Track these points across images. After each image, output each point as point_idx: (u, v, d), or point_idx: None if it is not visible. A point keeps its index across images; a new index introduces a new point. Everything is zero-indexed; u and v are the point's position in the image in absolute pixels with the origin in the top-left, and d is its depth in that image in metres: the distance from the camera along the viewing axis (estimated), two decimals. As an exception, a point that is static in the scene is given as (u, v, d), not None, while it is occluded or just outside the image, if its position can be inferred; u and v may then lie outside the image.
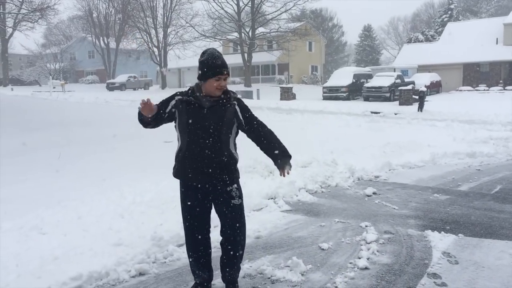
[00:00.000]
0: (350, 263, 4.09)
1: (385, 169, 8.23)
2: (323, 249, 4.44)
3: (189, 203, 3.30)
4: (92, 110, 21.34)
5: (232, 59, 49.25)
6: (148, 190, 6.09)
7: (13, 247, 4.15)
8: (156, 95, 33.96)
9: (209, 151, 3.14)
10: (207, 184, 3.22)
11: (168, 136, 11.74)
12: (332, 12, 73.10)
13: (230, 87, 3.32)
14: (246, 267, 4.01)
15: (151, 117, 3.16)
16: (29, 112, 18.57)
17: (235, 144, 3.33)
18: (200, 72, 3.16)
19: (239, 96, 3.40)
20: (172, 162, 3.38)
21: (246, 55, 41.65)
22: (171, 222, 4.90)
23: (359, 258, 4.15)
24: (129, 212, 5.21)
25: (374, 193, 6.62)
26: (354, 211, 5.77)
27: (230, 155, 3.24)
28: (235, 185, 3.30)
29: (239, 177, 3.36)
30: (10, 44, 58.15)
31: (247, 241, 4.66)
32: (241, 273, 3.90)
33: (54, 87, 39.08)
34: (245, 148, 3.99)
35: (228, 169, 3.24)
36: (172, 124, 3.34)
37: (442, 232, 4.84)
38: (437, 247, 4.44)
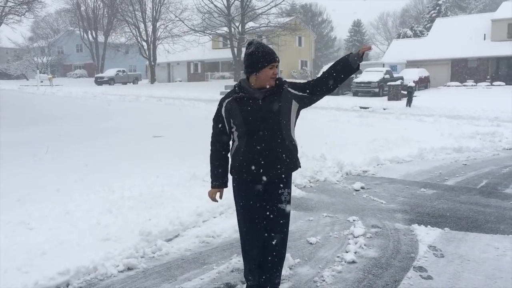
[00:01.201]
0: (338, 257, 4.13)
1: (373, 164, 8.29)
2: (311, 243, 4.48)
3: (251, 202, 3.12)
4: (80, 105, 21.18)
5: (222, 54, 49.22)
6: (136, 185, 6.08)
7: (0, 242, 4.12)
8: (145, 90, 33.79)
9: (272, 142, 2.99)
10: (271, 177, 3.07)
11: (157, 131, 11.74)
12: (322, 7, 73.14)
13: (220, 82, 3.19)
14: (234, 261, 4.03)
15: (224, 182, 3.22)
16: (16, 107, 18.38)
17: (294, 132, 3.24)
18: (249, 64, 3.02)
19: (226, 92, 3.31)
20: (160, 157, 3.38)
21: (235, 49, 41.54)
22: (160, 217, 4.90)
23: (347, 252, 4.19)
24: (117, 207, 5.20)
25: (362, 188, 6.67)
26: (342, 206, 5.82)
27: (293, 142, 3.14)
28: (288, 189, 3.16)
29: (300, 166, 3.25)
30: (-4, 38, 57.46)
31: (236, 235, 4.68)
32: (230, 267, 3.92)
33: (41, 81, 38.69)
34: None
35: (294, 156, 3.13)
36: (164, 119, 3.28)
37: (429, 226, 4.90)
38: (424, 240, 4.50)
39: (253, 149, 3.00)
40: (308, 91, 3.08)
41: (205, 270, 3.89)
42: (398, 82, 27.48)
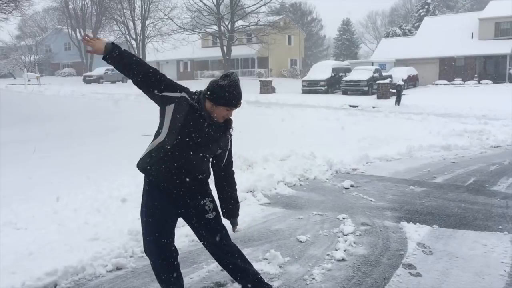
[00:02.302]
0: (328, 255, 4.14)
1: (362, 162, 8.32)
2: (301, 242, 4.48)
3: (156, 203, 2.99)
4: (68, 104, 21.00)
5: (211, 53, 49.07)
6: (125, 185, 6.03)
7: (-14, 243, 4.07)
8: (134, 89, 33.62)
9: (194, 162, 2.91)
10: (179, 191, 2.97)
11: (146, 130, 11.65)
12: (311, 5, 73.16)
13: (210, 81, 3.09)
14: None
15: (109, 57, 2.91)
16: (3, 106, 18.16)
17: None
18: (214, 94, 2.90)
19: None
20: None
21: (225, 48, 41.43)
22: (149, 216, 4.86)
23: (336, 250, 4.20)
24: (105, 207, 5.16)
25: (351, 186, 6.69)
26: (331, 204, 5.83)
27: (208, 173, 3.07)
28: (208, 198, 3.08)
29: (211, 192, 3.16)
30: (-18, 36, 56.75)
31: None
32: (219, 266, 3.89)
33: (29, 80, 38.28)
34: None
35: (204, 185, 3.06)
36: (152, 118, 3.19)
37: (417, 224, 4.93)
38: (412, 238, 4.52)
39: (175, 156, 2.88)
40: (223, 163, 3.16)
41: (194, 269, 3.88)
42: (387, 81, 27.60)
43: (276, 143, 9.25)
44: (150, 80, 2.92)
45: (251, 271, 3.23)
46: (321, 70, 33.03)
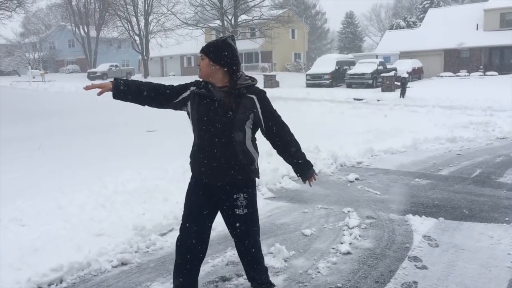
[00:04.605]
0: (333, 248, 4.12)
1: (367, 155, 8.29)
2: (306, 235, 4.47)
3: (192, 198, 3.07)
4: (73, 100, 21.04)
5: (215, 47, 48.89)
6: (130, 180, 6.03)
7: (-8, 240, 4.08)
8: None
9: (221, 149, 2.86)
10: (217, 183, 2.95)
11: (151, 125, 11.68)
12: (315, -1, 72.86)
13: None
14: (229, 254, 4.01)
15: (118, 95, 2.96)
16: (8, 103, 18.23)
17: (253, 140, 3.03)
18: None
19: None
20: (154, 152, 3.34)
21: (229, 43, 41.33)
22: (154, 211, 4.87)
23: (342, 243, 4.18)
24: (110, 202, 5.16)
25: (356, 179, 6.67)
26: (336, 197, 5.81)
27: (245, 154, 2.93)
28: (244, 195, 3.00)
29: (255, 178, 3.08)
30: (-13, 34, 56.87)
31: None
32: (225, 260, 3.91)
33: (33, 77, 38.41)
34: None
35: (243, 170, 2.94)
36: (157, 113, 3.19)
37: (423, 216, 4.90)
38: (418, 230, 4.50)
39: (203, 150, 2.91)
40: (265, 129, 2.98)
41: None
42: (392, 73, 27.48)
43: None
44: (164, 92, 3.00)
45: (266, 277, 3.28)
46: (325, 64, 32.92)
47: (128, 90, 2.98)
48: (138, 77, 49.78)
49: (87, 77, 46.54)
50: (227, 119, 2.82)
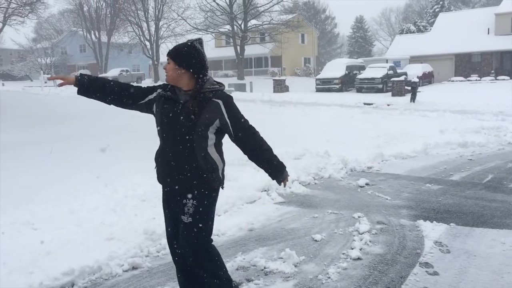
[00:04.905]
0: (343, 253, 4.11)
1: (377, 160, 8.26)
2: (316, 240, 4.46)
3: (166, 210, 3.03)
4: (84, 105, 21.19)
5: (225, 52, 49.18)
6: (140, 184, 6.06)
7: (5, 243, 4.12)
8: (149, 89, 33.82)
9: (181, 153, 2.78)
10: (174, 187, 2.89)
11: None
12: (325, 3, 73.11)
13: (223, 80, 3.05)
14: (239, 259, 4.02)
15: (82, 90, 2.95)
16: (20, 108, 18.43)
17: (218, 147, 2.91)
18: None
19: (230, 90, 3.12)
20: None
21: (238, 47, 41.51)
22: (164, 216, 4.88)
23: (352, 249, 4.17)
24: (121, 206, 5.19)
25: (366, 184, 6.64)
26: (347, 202, 5.79)
27: (206, 160, 2.81)
28: (193, 201, 2.82)
29: (216, 187, 2.90)
30: (0, 39, 57.61)
31: (240, 233, 4.68)
32: (235, 265, 3.91)
33: (45, 82, 38.77)
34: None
35: (201, 176, 2.80)
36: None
37: (434, 222, 4.87)
38: (429, 236, 4.47)
39: (165, 154, 2.86)
40: (233, 134, 2.86)
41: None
42: (402, 78, 27.39)
43: (290, 141, 9.22)
44: (130, 91, 2.97)
45: None
46: (335, 68, 32.88)
47: (92, 87, 2.96)
48: (148, 82, 50.09)
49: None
50: (189, 122, 2.75)
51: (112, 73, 48.51)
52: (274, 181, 3.04)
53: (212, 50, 49.84)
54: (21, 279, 3.46)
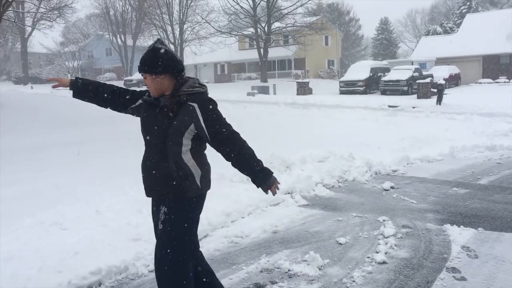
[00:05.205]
0: (368, 257, 4.07)
1: (403, 163, 8.16)
2: (340, 244, 4.43)
3: (153, 220, 2.94)
4: (110, 107, 21.51)
5: (248, 55, 49.35)
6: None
7: (35, 242, 4.23)
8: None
9: (157, 158, 2.72)
10: (151, 193, 2.85)
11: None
12: (349, 5, 72.62)
13: (247, 83, 3.00)
14: (263, 261, 4.02)
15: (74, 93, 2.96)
16: (48, 110, 18.85)
17: (196, 153, 2.76)
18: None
19: (253, 93, 2.96)
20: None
21: (262, 50, 41.61)
22: (189, 217, 4.93)
23: (377, 253, 4.13)
24: (147, 208, 5.24)
25: (392, 187, 6.57)
26: (371, 206, 5.74)
27: (180, 167, 2.68)
28: (165, 209, 2.74)
29: (191, 196, 2.73)
30: (29, 43, 59.08)
31: (264, 235, 4.69)
32: (259, 267, 3.92)
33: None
34: (261, 142, 3.99)
35: (173, 183, 2.69)
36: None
37: (462, 226, 4.79)
38: (456, 241, 4.40)
39: (145, 160, 2.81)
40: (210, 139, 2.73)
41: (234, 270, 3.90)
42: (428, 80, 26.96)
43: (314, 144, 9.19)
44: (122, 95, 2.98)
45: None
46: (359, 70, 32.62)
47: (86, 90, 2.97)
48: (172, 84, 50.54)
49: (123, 85, 47.60)
50: (163, 127, 2.67)
51: (137, 76, 49.15)
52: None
53: (235, 53, 50.09)
54: (51, 278, 3.54)
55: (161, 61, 2.69)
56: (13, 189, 6.10)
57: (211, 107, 2.70)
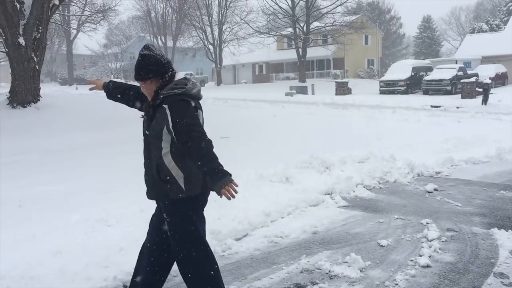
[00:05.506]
0: (411, 260, 3.99)
1: (447, 165, 7.94)
2: (382, 246, 4.36)
3: (153, 218, 3.16)
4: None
5: (286, 55, 49.26)
6: (206, 185, 6.19)
7: (81, 238, 4.37)
8: (211, 92, 34.52)
9: (145, 163, 2.92)
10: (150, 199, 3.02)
11: (223, 132, 11.94)
12: (390, 3, 71.34)
13: (285, 83, 3.01)
14: (303, 262, 4.01)
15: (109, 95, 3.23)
16: (92, 110, 19.40)
17: (177, 155, 2.76)
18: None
19: (292, 93, 3.04)
20: (227, 158, 3.40)
21: (300, 50, 41.45)
22: (229, 216, 4.97)
23: (420, 256, 4.04)
24: (188, 206, 5.33)
25: (435, 190, 6.41)
26: (414, 208, 5.62)
27: (161, 169, 2.76)
28: (164, 214, 2.91)
29: (177, 198, 2.79)
30: (74, 45, 61.16)
31: (304, 236, 4.68)
32: (299, 268, 3.91)
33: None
34: (300, 142, 3.97)
35: (157, 187, 2.81)
36: (229, 120, 3.25)
37: (510, 231, 4.61)
38: (504, 245, 4.24)
39: (144, 165, 2.98)
40: (177, 139, 2.71)
41: (274, 270, 3.90)
42: (473, 79, 26.12)
43: (354, 144, 9.08)
44: (144, 99, 3.07)
45: None
46: (400, 70, 31.96)
47: (115, 92, 3.20)
48: (211, 85, 51.13)
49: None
50: (147, 131, 2.85)
51: (177, 76, 49.99)
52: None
53: (273, 53, 50.09)
54: (97, 273, 3.65)
55: (144, 67, 2.80)
56: (59, 187, 6.33)
57: (179, 107, 2.70)
